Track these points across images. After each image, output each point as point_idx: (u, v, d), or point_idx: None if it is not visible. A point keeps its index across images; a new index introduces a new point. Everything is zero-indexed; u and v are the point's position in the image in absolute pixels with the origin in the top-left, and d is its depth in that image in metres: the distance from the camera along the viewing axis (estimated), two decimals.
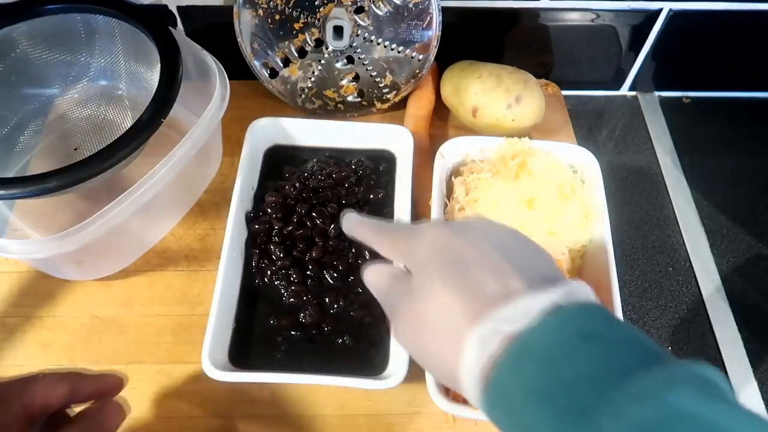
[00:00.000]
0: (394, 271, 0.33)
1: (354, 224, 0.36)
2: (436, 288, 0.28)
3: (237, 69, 0.57)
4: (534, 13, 0.63)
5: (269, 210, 0.53)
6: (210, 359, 0.44)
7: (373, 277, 0.34)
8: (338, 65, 0.60)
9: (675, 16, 0.63)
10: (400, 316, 0.30)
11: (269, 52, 0.59)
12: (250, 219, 0.53)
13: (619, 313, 0.46)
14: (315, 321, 0.48)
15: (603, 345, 0.24)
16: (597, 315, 0.26)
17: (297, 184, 0.54)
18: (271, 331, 0.48)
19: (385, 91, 0.62)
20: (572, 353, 0.24)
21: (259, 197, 0.55)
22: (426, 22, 0.57)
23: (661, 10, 0.63)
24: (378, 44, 0.58)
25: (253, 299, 0.50)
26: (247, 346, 0.47)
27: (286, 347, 0.47)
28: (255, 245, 0.52)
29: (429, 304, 0.28)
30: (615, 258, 0.48)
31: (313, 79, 0.61)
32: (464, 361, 0.26)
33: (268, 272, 0.50)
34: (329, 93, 0.62)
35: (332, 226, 0.52)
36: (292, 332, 0.48)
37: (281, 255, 0.51)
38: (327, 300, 0.49)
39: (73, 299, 0.52)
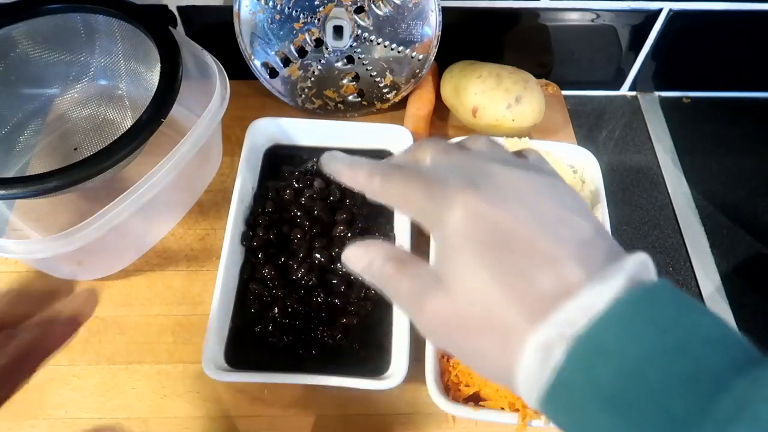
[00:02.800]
0: (393, 254, 0.28)
1: (341, 166, 0.30)
2: (479, 280, 0.24)
3: (237, 69, 0.57)
4: (534, 13, 0.63)
5: (268, 211, 0.53)
6: (210, 359, 0.44)
7: (362, 261, 0.28)
8: (338, 65, 0.60)
9: (675, 16, 0.63)
10: (426, 311, 0.26)
11: (269, 52, 0.59)
12: (249, 222, 0.53)
13: None
14: (310, 332, 0.48)
15: (684, 340, 0.21)
16: (669, 298, 0.22)
17: (296, 185, 0.54)
18: (270, 331, 0.48)
19: (385, 91, 0.62)
20: (650, 352, 0.21)
21: (259, 197, 0.55)
22: (426, 22, 0.57)
23: (661, 10, 0.63)
24: (378, 44, 0.58)
25: (252, 300, 0.50)
26: (247, 347, 0.47)
27: (285, 348, 0.47)
28: (252, 249, 0.52)
29: (470, 299, 0.24)
30: None
31: (313, 79, 0.61)
32: (523, 366, 0.23)
33: (261, 285, 0.50)
34: (329, 93, 0.62)
35: (333, 228, 0.52)
36: (291, 333, 0.48)
37: (273, 273, 0.50)
38: (324, 310, 0.49)
39: None
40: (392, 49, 0.59)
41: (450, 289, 0.25)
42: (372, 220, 0.53)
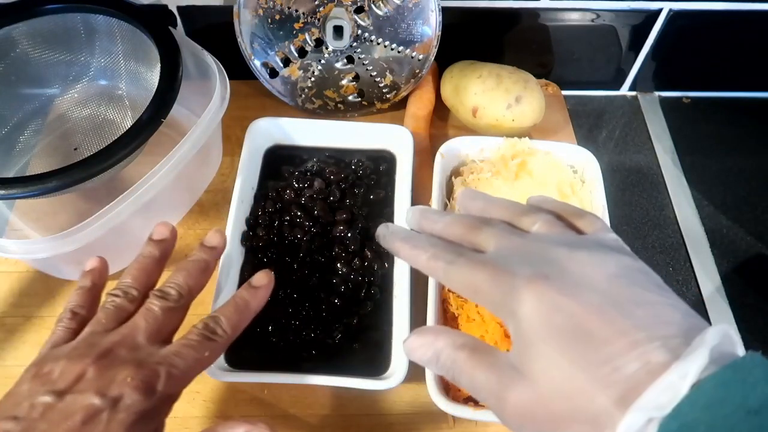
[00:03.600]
0: (462, 341, 0.28)
1: (400, 244, 0.31)
2: (562, 370, 0.24)
3: (237, 69, 0.57)
4: (534, 13, 0.63)
5: (268, 211, 0.53)
6: None
7: (428, 352, 0.28)
8: (338, 65, 0.60)
9: (675, 16, 0.63)
10: (510, 403, 0.25)
11: (269, 52, 0.59)
12: (249, 222, 0.53)
13: None
14: (310, 332, 0.48)
15: None
16: (755, 375, 0.22)
17: (296, 185, 0.54)
18: (270, 331, 0.48)
19: (385, 91, 0.62)
20: None
21: (259, 197, 0.55)
22: (426, 22, 0.57)
23: (661, 10, 0.63)
24: (378, 44, 0.58)
25: None
26: (247, 347, 0.47)
27: (285, 348, 0.47)
28: (253, 249, 0.51)
29: (555, 390, 0.24)
30: None
31: (313, 79, 0.61)
32: None
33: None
34: (329, 93, 0.62)
35: (333, 228, 0.52)
36: (291, 333, 0.48)
37: (273, 273, 0.49)
38: (324, 310, 0.49)
39: None
40: (392, 49, 0.59)
41: (532, 380, 0.25)
42: (372, 219, 0.53)
